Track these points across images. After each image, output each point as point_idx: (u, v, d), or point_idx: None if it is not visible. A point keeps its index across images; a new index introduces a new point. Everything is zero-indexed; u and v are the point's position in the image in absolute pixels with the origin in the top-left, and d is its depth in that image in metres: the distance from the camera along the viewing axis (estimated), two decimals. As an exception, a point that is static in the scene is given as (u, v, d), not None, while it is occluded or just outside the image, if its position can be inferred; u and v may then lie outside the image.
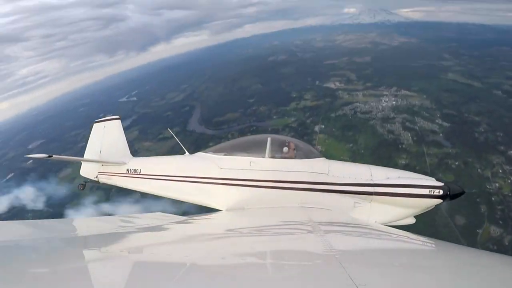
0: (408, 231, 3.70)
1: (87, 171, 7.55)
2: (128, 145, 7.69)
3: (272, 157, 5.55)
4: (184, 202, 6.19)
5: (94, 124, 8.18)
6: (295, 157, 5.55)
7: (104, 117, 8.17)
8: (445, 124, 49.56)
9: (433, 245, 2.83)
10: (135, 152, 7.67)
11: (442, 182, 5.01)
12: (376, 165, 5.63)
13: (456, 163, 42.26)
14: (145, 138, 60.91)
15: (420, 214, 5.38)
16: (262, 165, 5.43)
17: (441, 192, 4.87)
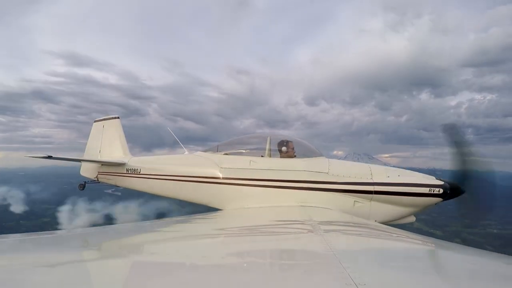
0: (408, 230, 3.69)
1: (87, 171, 7.54)
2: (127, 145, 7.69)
3: (272, 156, 5.54)
4: (184, 202, 6.19)
5: (94, 123, 8.15)
6: (294, 156, 5.55)
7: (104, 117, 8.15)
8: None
9: (433, 245, 2.83)
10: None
11: (442, 180, 5.00)
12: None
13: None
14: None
15: (420, 213, 5.38)
16: (262, 164, 5.41)
17: (441, 190, 4.87)
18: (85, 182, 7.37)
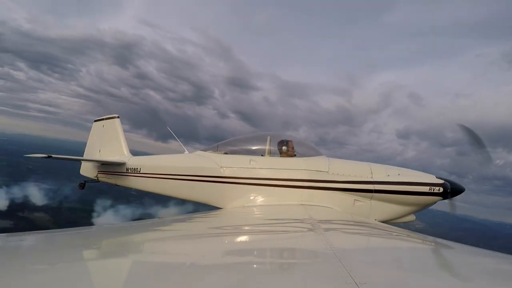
0: (408, 228, 3.69)
1: (87, 170, 7.55)
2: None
3: (272, 155, 5.54)
4: (184, 201, 6.19)
5: (94, 123, 8.16)
6: (295, 155, 5.55)
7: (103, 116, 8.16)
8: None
9: (433, 244, 2.83)
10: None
11: (442, 179, 5.00)
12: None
13: None
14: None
15: (420, 212, 5.38)
16: (262, 163, 5.42)
17: (441, 189, 4.86)
18: (85, 181, 7.38)
